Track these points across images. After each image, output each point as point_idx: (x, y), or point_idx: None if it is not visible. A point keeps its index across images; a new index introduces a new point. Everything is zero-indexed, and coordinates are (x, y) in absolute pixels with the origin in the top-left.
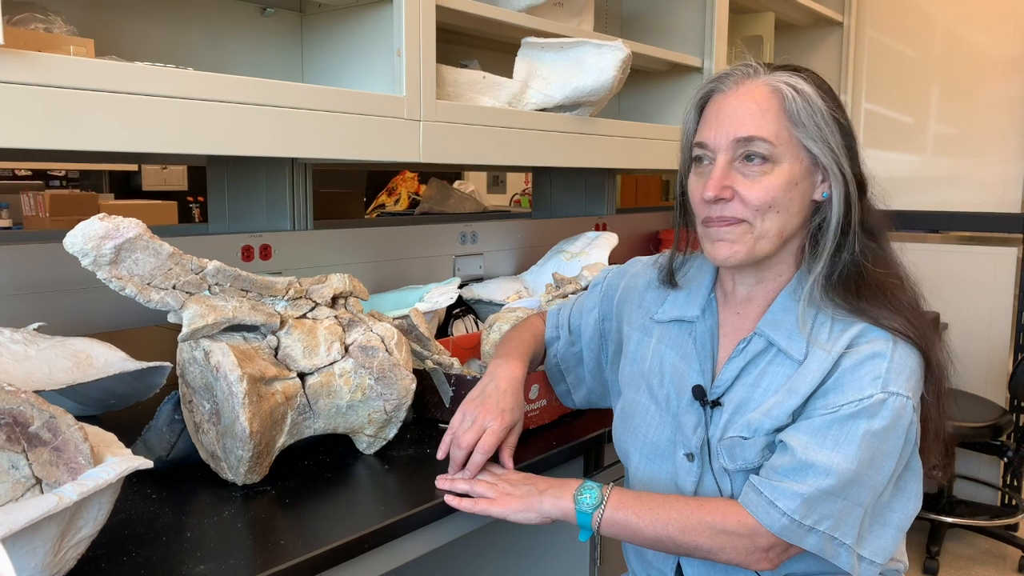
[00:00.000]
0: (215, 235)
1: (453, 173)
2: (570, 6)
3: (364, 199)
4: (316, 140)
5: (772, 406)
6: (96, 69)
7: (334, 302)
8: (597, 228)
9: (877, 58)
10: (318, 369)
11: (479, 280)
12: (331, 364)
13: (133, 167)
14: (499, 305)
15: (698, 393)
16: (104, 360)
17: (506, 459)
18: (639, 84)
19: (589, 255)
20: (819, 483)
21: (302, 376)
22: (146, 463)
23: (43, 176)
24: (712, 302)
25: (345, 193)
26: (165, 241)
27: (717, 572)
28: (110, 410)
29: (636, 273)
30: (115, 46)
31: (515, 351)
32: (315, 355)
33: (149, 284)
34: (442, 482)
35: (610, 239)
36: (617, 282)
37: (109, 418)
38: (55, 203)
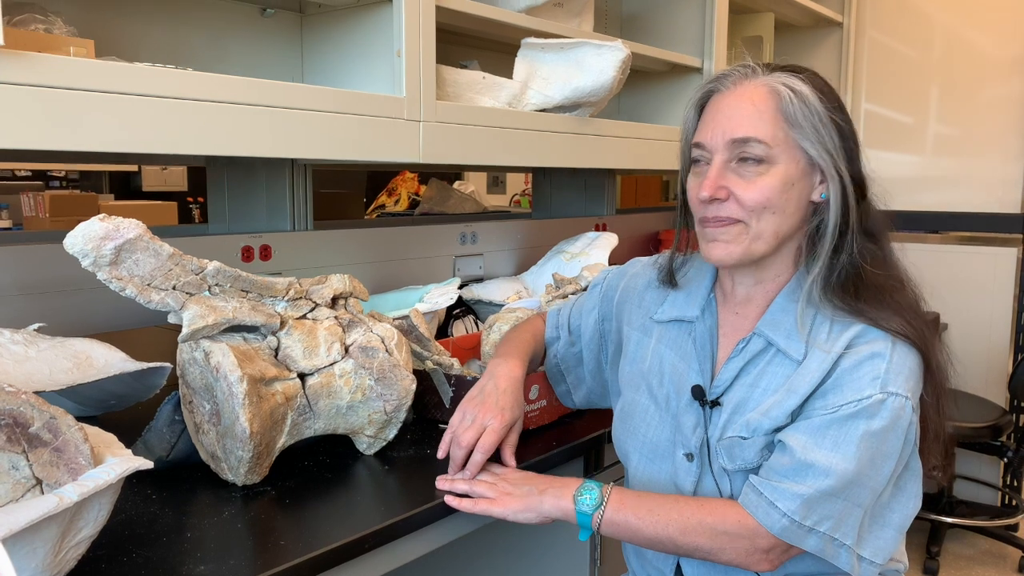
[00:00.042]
0: (215, 236)
1: (453, 174)
2: (570, 6)
3: (364, 200)
4: (316, 141)
5: (771, 406)
6: (96, 70)
7: (334, 303)
8: (597, 228)
9: (877, 58)
10: (318, 370)
11: (479, 280)
12: (331, 365)
13: (133, 168)
14: (499, 306)
15: (697, 393)
16: (104, 361)
17: (508, 457)
18: (639, 84)
19: (589, 255)
20: (819, 484)
21: (302, 377)
22: (146, 464)
23: (43, 177)
24: (712, 302)
25: (345, 194)
26: (165, 242)
27: (717, 572)
28: (110, 411)
29: (636, 273)
30: (115, 47)
31: (514, 350)
32: (315, 356)
33: (149, 285)
34: (442, 483)
35: (610, 239)
36: (617, 282)
37: (109, 419)
38: (55, 204)
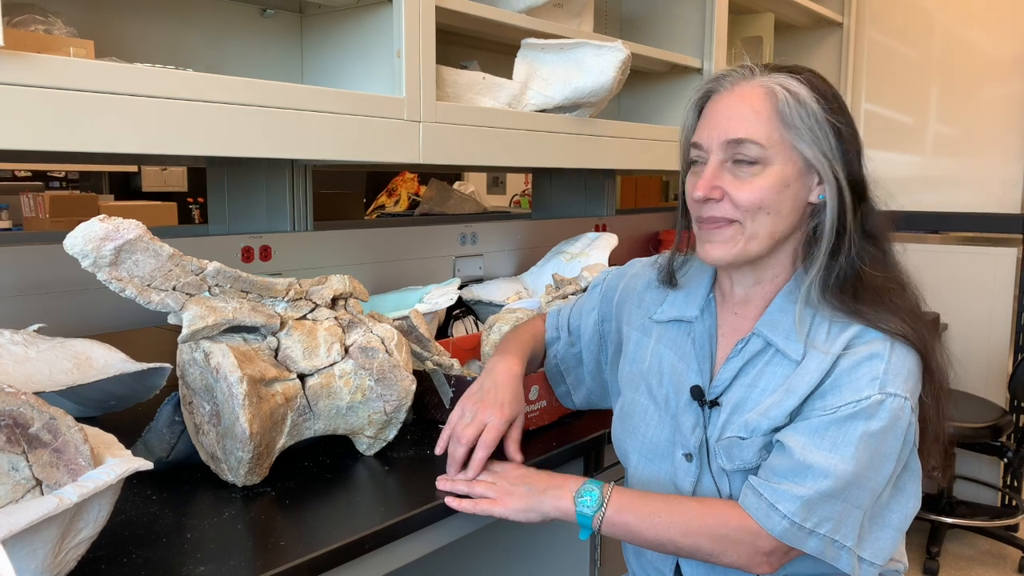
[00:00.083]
0: (215, 236)
1: (453, 174)
2: (570, 7)
3: (364, 200)
4: (316, 141)
5: (770, 406)
6: (96, 70)
7: (334, 303)
8: (597, 229)
9: (877, 58)
10: (318, 370)
11: (479, 281)
12: (331, 365)
13: (133, 168)
14: (499, 306)
15: (696, 393)
16: (104, 361)
17: (513, 453)
18: (639, 85)
19: (589, 256)
20: (818, 485)
21: (302, 377)
22: (146, 464)
23: (43, 177)
24: (711, 302)
25: (345, 194)
26: (165, 242)
27: (716, 573)
28: (110, 411)
29: (635, 274)
30: (115, 47)
31: (513, 348)
32: (315, 356)
33: (149, 285)
34: (443, 483)
35: (610, 240)
36: (616, 283)
37: (109, 419)
38: (55, 204)
